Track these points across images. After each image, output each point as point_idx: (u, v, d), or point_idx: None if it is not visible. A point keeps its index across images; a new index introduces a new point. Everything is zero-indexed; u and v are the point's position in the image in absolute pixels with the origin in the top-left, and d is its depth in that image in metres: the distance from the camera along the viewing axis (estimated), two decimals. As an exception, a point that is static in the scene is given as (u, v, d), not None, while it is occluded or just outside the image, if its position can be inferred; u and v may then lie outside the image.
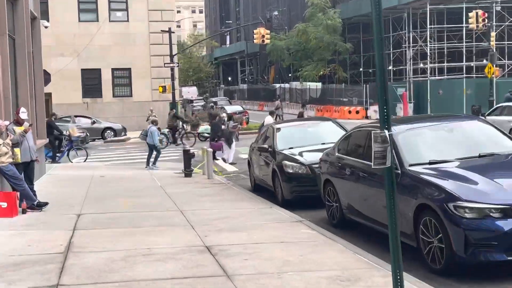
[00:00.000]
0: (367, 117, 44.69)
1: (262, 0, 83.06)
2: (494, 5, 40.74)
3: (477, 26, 37.13)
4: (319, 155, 12.09)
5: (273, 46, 58.19)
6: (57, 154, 23.83)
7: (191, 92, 70.86)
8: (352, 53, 56.29)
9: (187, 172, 17.93)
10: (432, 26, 46.12)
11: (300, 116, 24.28)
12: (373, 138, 5.68)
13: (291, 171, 12.20)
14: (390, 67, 52.57)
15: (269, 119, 23.28)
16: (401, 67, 51.78)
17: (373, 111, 44.23)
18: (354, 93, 47.57)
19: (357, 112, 45.42)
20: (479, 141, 8.19)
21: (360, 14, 53.46)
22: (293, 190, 12.17)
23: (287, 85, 60.88)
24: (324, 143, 13.08)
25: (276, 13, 69.62)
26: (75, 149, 24.23)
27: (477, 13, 36.40)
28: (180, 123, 32.80)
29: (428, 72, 45.95)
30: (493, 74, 40.77)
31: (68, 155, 23.89)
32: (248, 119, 41.47)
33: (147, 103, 39.61)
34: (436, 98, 44.35)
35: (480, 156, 7.74)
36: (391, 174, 5.63)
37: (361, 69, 57.95)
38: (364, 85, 47.67)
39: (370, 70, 58.68)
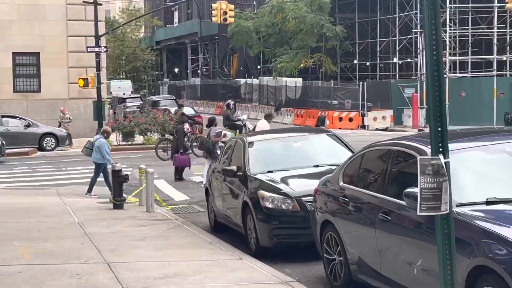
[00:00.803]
0: (363, 127, 44.34)
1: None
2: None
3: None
4: (313, 183, 11.25)
5: (237, 28, 57.61)
6: None
7: (123, 87, 69.53)
8: (344, 40, 55.94)
9: (118, 201, 16.93)
10: (453, 5, 45.99)
11: (210, 123, 23.66)
12: (420, 167, 4.88)
13: (271, 206, 11.24)
14: (396, 60, 52.44)
15: (263, 124, 22.43)
16: (410, 60, 51.59)
17: (372, 119, 43.91)
18: (347, 94, 47.15)
19: (351, 119, 45.04)
20: None
21: (356, -14, 53.33)
22: (274, 234, 11.26)
23: (255, 81, 60.26)
24: (317, 166, 12.37)
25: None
26: None
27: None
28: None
29: (447, 67, 45.72)
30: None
31: None
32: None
33: (62, 102, 38.44)
34: (458, 102, 44.08)
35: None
36: (449, 224, 4.78)
37: (355, 62, 57.75)
38: (360, 83, 47.25)
39: (368, 63, 58.51)
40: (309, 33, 54.19)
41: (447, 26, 45.43)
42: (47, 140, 34.25)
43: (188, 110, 45.56)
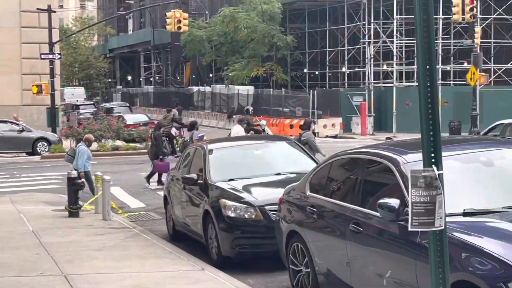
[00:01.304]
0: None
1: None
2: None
3: (463, 18, 36.95)
4: (276, 191, 10.74)
5: (190, 37, 56.84)
6: None
7: (76, 94, 69.03)
8: (294, 49, 55.62)
9: (73, 209, 16.17)
10: (399, 17, 45.99)
11: (191, 126, 23.89)
12: (411, 179, 4.38)
13: (233, 215, 10.64)
14: (344, 69, 52.28)
15: (238, 129, 22.16)
16: (358, 70, 51.48)
17: (322, 127, 43.60)
18: (298, 102, 46.84)
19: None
20: None
21: (306, -1, 53.05)
22: (236, 243, 10.67)
23: (208, 89, 59.60)
24: (279, 174, 11.87)
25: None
26: None
27: (463, 0, 36.24)
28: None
29: (394, 76, 45.76)
30: (477, 81, 40.84)
31: None
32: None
33: (15, 108, 37.35)
34: (404, 110, 44.09)
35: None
36: (442, 241, 4.29)
37: (305, 70, 57.41)
38: (311, 92, 46.96)
39: (317, 72, 58.27)
40: (261, 42, 53.66)
41: (394, 36, 45.47)
42: (41, 144, 33.40)
43: (141, 117, 44.93)
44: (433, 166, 4.32)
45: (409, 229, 4.43)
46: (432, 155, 4.32)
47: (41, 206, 18.20)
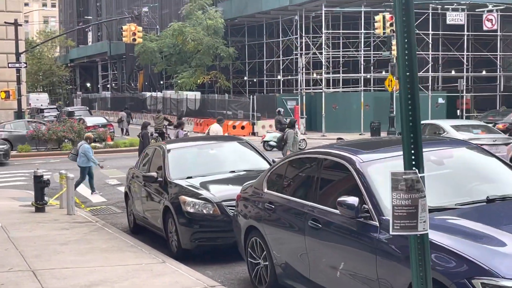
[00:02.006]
0: (254, 133, 43.44)
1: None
2: (363, 10, 40.95)
3: (384, 33, 36.90)
4: (232, 188, 10.10)
5: (143, 48, 55.68)
6: None
7: (40, 99, 67.84)
8: (235, 60, 55.01)
9: (40, 205, 15.16)
10: (327, 31, 45.76)
11: (178, 125, 23.82)
12: (392, 182, 3.75)
13: (192, 211, 9.90)
14: (279, 77, 51.95)
15: (216, 127, 21.69)
16: (291, 77, 51.24)
17: (261, 127, 43.09)
18: (239, 106, 46.15)
19: (243, 127, 44.05)
20: (499, 180, 6.55)
21: (246, 15, 52.46)
22: (195, 237, 9.93)
23: (159, 94, 58.44)
24: (233, 171, 11.18)
25: (146, 9, 67.02)
26: None
27: (384, 16, 36.16)
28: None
29: (323, 83, 45.48)
30: (394, 87, 41.02)
31: None
32: (113, 134, 38.84)
33: (-16, 112, 35.92)
34: (331, 113, 44.05)
35: (489, 201, 6.01)
36: (424, 245, 3.66)
37: (245, 78, 56.94)
38: (251, 97, 46.37)
39: (255, 80, 57.86)
40: (206, 53, 52.90)
41: (323, 49, 45.18)
42: None
43: (100, 120, 43.59)
44: (414, 168, 3.69)
45: (390, 232, 3.80)
46: (413, 157, 3.69)
47: (9, 202, 17.10)
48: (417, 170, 3.65)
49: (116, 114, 61.96)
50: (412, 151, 3.64)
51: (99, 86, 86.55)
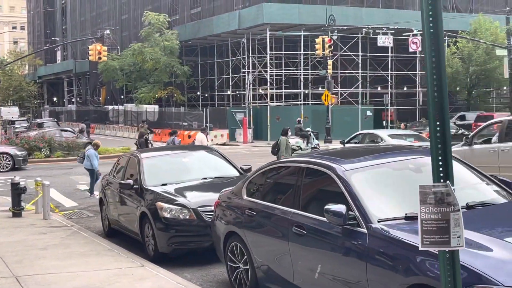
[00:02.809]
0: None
1: (92, 18, 78.41)
2: (330, 34, 40.89)
3: (323, 54, 36.70)
4: (206, 195, 9.38)
5: (106, 66, 54.28)
6: None
7: (11, 112, 65.85)
8: (189, 76, 54.17)
9: (17, 210, 14.08)
10: (271, 52, 45.40)
11: (172, 133, 23.72)
12: (420, 195, 3.14)
13: (169, 216, 9.10)
14: (229, 92, 51.32)
15: (200, 136, 20.98)
16: (239, 93, 50.72)
17: (214, 137, 42.32)
18: (194, 117, 45.33)
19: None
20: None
21: (198, 37, 51.80)
22: (172, 241, 9.12)
23: (121, 107, 57.03)
24: (205, 178, 10.41)
25: (108, 31, 65.27)
26: None
27: (323, 39, 35.97)
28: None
29: (268, 98, 45.04)
30: (329, 101, 41.00)
31: None
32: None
33: (-39, 124, 34.03)
34: (275, 123, 43.64)
35: (468, 206, 5.48)
36: (454, 260, 3.06)
37: (198, 93, 56.12)
38: (204, 109, 45.62)
39: (207, 95, 57.12)
40: (163, 71, 51.92)
41: (268, 67, 44.79)
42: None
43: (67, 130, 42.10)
44: (443, 179, 3.09)
45: (420, 247, 3.18)
46: (441, 169, 3.09)
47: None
48: (448, 183, 3.03)
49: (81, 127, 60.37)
50: (440, 163, 3.02)
51: (64, 100, 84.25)
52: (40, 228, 12.44)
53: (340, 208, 5.35)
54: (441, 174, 3.04)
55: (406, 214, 5.29)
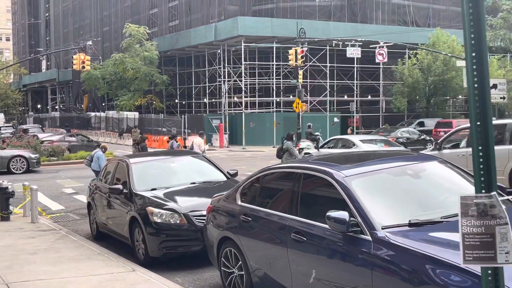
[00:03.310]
0: (185, 147, 42.03)
1: (74, 30, 77.15)
2: (301, 46, 40.62)
3: (296, 64, 36.39)
4: (196, 200, 8.88)
5: (88, 75, 53.20)
6: None
7: (-3, 118, 63.91)
8: (168, 85, 53.40)
9: (5, 214, 13.35)
10: (246, 63, 45.00)
11: (172, 137, 23.46)
12: (462, 206, 2.71)
13: (159, 221, 8.53)
14: (206, 100, 50.73)
15: (199, 140, 20.33)
16: (215, 100, 50.16)
17: (192, 142, 41.82)
18: (173, 123, 44.54)
19: (176, 141, 42.49)
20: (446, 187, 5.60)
21: (176, 48, 51.15)
22: (163, 246, 8.56)
23: (103, 114, 55.95)
24: (194, 183, 9.88)
25: (90, 42, 64.19)
26: None
27: (296, 50, 35.66)
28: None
29: (243, 105, 44.58)
30: (300, 109, 40.73)
31: None
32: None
33: None
34: (250, 129, 43.29)
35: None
36: (498, 277, 2.65)
37: (176, 101, 55.40)
38: (182, 116, 44.93)
39: (184, 102, 56.44)
40: (143, 80, 51.10)
41: (242, 77, 44.36)
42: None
43: (51, 135, 40.99)
44: (486, 190, 2.67)
45: (462, 264, 2.75)
46: (483, 179, 2.67)
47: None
48: (493, 194, 2.61)
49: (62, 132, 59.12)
50: (482, 172, 2.61)
51: (48, 107, 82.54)
52: (28, 232, 11.75)
53: (343, 215, 4.92)
54: (483, 185, 2.62)
55: (409, 221, 4.89)
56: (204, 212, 8.37)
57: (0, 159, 25.06)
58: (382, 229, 4.84)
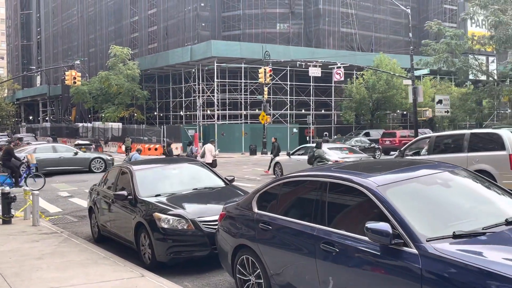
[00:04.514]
0: (164, 154, 40.70)
1: (63, 51, 74.69)
2: (266, 67, 39.90)
3: (265, 81, 35.60)
4: (202, 205, 7.86)
5: (77, 90, 51.21)
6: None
7: (-7, 128, 60.96)
8: (148, 99, 51.84)
9: (7, 218, 11.99)
10: (218, 80, 44.01)
11: (189, 143, 21.78)
12: None
13: (167, 227, 7.47)
14: (182, 113, 49.49)
15: (210, 147, 19.05)
16: (190, 113, 48.96)
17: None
18: (153, 133, 43.15)
19: (156, 149, 41.07)
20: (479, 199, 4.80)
21: (156, 67, 49.78)
22: (170, 251, 7.49)
23: (90, 124, 53.83)
24: (196, 189, 8.83)
25: (78, 62, 61.97)
26: (33, 176, 19.36)
27: (265, 69, 34.87)
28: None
29: (215, 117, 43.54)
30: (265, 120, 39.99)
31: (25, 181, 19.01)
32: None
33: None
34: (221, 138, 42.26)
35: (508, 223, 4.30)
36: None
37: (156, 113, 53.91)
38: (161, 126, 43.56)
39: (162, 114, 55.04)
40: (126, 94, 49.41)
41: (215, 92, 43.36)
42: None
43: (43, 143, 38.95)
44: None
45: None
46: None
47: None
48: None
49: (54, 139, 56.65)
50: None
51: (39, 118, 79.39)
52: (31, 235, 10.46)
53: (384, 226, 4.05)
54: None
55: (454, 232, 4.05)
56: (211, 218, 7.41)
57: (84, 160, 25.54)
58: (427, 241, 3.99)
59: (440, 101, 24.91)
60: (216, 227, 6.98)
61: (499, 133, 12.32)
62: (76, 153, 25.81)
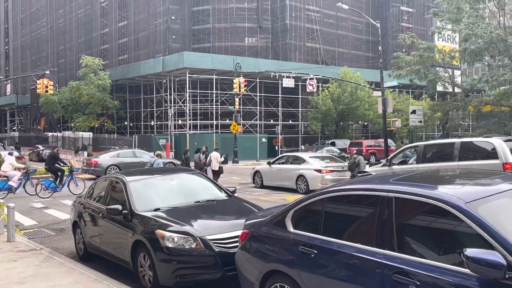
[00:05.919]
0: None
1: (32, 61, 71.48)
2: (237, 78, 38.89)
3: (239, 91, 34.51)
4: (211, 221, 6.65)
5: (46, 100, 48.67)
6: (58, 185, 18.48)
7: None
8: (119, 109, 49.78)
9: (-22, 234, 10.41)
10: (189, 91, 42.64)
11: (197, 150, 20.98)
12: None
13: (172, 246, 6.23)
14: (153, 123, 47.77)
15: (216, 154, 17.72)
16: (161, 123, 47.28)
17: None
18: (125, 142, 41.27)
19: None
20: None
21: (127, 78, 47.91)
22: (177, 273, 6.22)
23: (60, 134, 51.21)
24: (198, 201, 7.58)
25: (48, 72, 59.13)
26: (75, 181, 18.80)
27: (239, 80, 33.82)
28: None
29: (187, 127, 42.11)
30: (236, 130, 38.96)
31: (68, 185, 18.60)
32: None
33: None
34: (193, 148, 40.81)
35: None
36: None
37: (126, 123, 51.85)
38: (133, 136, 41.74)
39: (132, 124, 53.11)
40: (97, 104, 47.20)
41: (186, 102, 41.98)
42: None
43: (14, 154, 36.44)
44: None
45: None
46: None
47: None
48: None
49: (22, 148, 53.56)
50: None
51: (7, 128, 75.41)
52: (7, 253, 8.93)
53: (494, 255, 3.04)
54: None
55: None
56: (223, 235, 6.23)
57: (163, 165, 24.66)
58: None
59: (414, 111, 24.60)
60: (229, 245, 5.83)
61: (491, 142, 11.70)
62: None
